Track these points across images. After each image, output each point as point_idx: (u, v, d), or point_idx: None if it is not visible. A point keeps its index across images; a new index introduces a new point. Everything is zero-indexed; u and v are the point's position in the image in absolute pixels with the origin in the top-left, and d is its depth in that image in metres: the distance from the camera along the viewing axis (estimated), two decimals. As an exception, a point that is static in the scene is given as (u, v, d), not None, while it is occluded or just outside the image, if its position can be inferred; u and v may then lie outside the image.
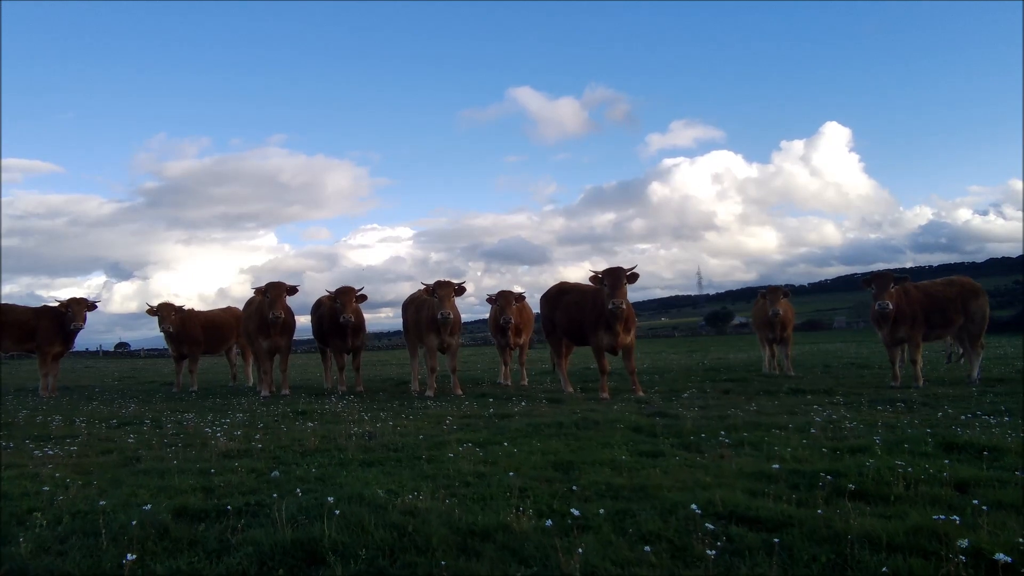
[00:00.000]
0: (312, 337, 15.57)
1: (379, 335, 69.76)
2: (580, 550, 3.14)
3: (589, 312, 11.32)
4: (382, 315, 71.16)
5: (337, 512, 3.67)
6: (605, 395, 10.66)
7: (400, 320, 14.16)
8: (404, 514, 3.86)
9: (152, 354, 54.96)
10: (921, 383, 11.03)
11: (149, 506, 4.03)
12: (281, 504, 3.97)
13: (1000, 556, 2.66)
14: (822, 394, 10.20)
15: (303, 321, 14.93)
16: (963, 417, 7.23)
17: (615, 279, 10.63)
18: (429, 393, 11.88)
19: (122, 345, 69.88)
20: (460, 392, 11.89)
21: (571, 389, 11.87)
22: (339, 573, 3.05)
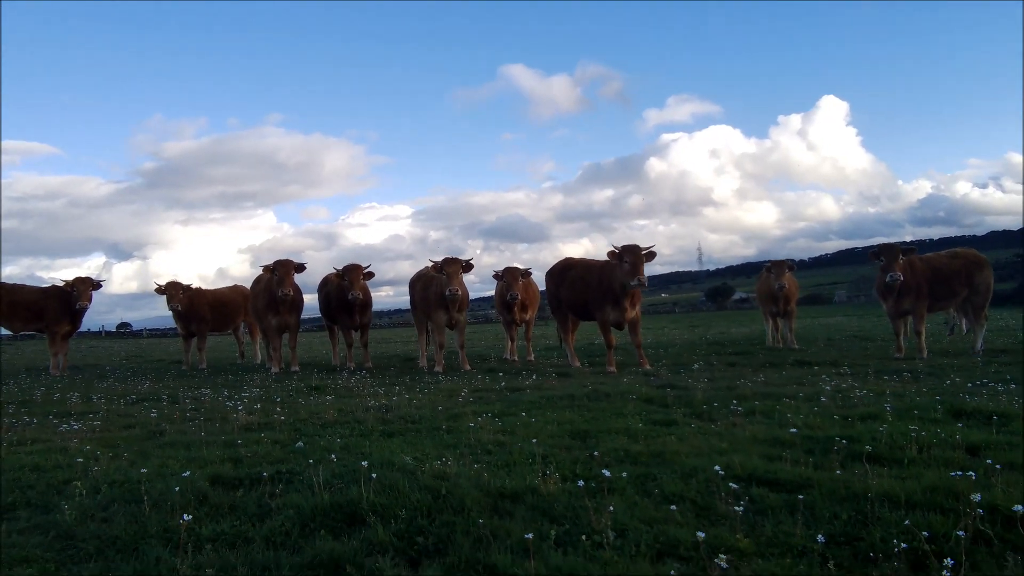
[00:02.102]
0: (314, 316, 15.68)
1: (379, 314, 69.92)
2: (611, 508, 3.26)
3: (595, 287, 11.43)
4: (382, 294, 71.60)
5: (373, 476, 3.79)
6: (612, 369, 10.80)
7: (400, 298, 14.42)
8: (435, 478, 3.98)
9: (155, 334, 55.11)
10: (925, 354, 11.16)
11: (188, 472, 4.15)
12: (317, 469, 4.09)
13: (1018, 508, 2.78)
14: (828, 365, 10.34)
15: (310, 300, 15.02)
16: (970, 385, 7.36)
17: (636, 257, 10.69)
18: (438, 369, 12.01)
19: (124, 325, 69.92)
20: (468, 368, 12.02)
21: (578, 363, 12.01)
22: (381, 532, 3.17)
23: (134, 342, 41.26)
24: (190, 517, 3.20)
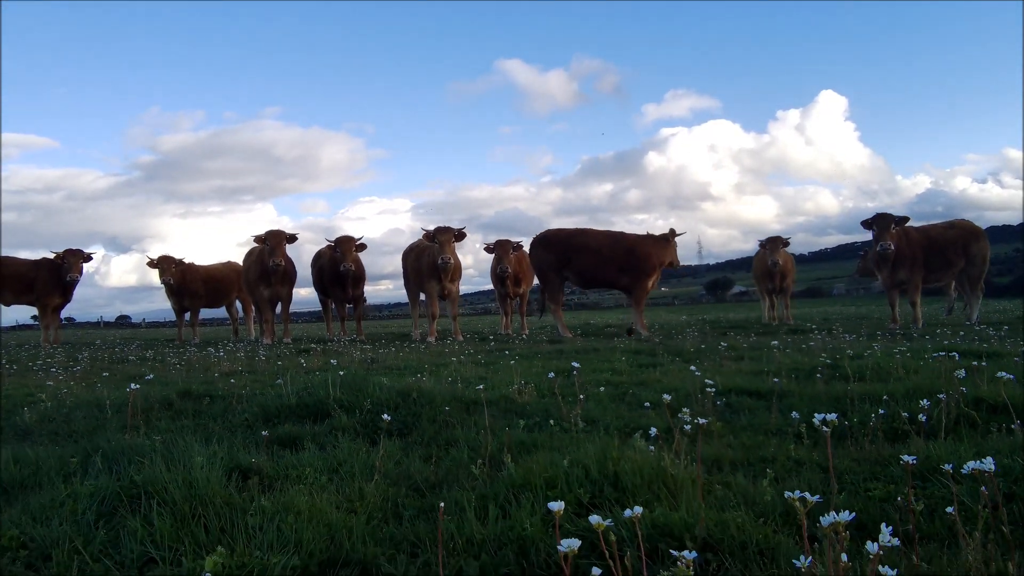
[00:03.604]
0: (313, 309, 15.63)
1: (379, 307, 69.58)
2: (581, 397, 3.16)
3: (642, 258, 11.70)
4: (381, 287, 71.23)
5: (342, 374, 3.70)
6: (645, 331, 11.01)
7: (399, 292, 14.21)
8: (408, 388, 3.88)
9: (153, 325, 54.98)
10: (920, 324, 11.04)
11: (152, 376, 4.06)
12: (287, 378, 4.00)
13: (1002, 374, 2.68)
14: (822, 331, 10.25)
15: (304, 293, 14.90)
16: (961, 333, 7.27)
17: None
18: (430, 339, 11.90)
19: (123, 318, 69.61)
20: (461, 338, 11.92)
21: (569, 334, 11.90)
22: (344, 419, 3.08)
23: (131, 331, 41.14)
24: (138, 387, 3.10)
